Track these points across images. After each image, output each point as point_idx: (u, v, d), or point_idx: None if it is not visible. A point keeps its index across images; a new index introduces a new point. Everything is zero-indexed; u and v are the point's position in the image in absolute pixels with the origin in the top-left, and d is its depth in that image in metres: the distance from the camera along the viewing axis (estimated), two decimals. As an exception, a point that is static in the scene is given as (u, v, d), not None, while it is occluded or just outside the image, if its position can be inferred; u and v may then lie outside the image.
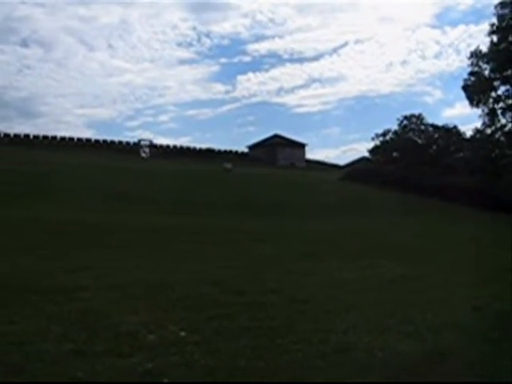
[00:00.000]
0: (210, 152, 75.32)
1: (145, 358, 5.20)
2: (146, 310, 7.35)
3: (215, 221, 24.60)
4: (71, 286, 8.82)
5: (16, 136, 64.21)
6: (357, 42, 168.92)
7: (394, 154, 58.48)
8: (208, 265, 12.59)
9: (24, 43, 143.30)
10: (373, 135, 61.52)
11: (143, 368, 4.92)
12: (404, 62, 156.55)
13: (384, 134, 60.37)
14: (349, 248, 17.20)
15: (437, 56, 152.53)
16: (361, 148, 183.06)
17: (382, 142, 60.32)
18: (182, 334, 6.10)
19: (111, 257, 13.45)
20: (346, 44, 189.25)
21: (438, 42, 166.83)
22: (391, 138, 59.77)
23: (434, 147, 56.87)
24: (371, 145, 62.19)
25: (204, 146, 79.35)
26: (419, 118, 59.47)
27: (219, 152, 76.79)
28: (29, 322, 6.51)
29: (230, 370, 4.96)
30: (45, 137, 66.40)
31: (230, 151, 79.58)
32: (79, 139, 69.15)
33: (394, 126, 60.21)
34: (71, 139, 68.36)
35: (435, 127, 58.60)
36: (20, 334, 5.92)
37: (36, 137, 65.65)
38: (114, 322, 6.51)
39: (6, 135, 63.72)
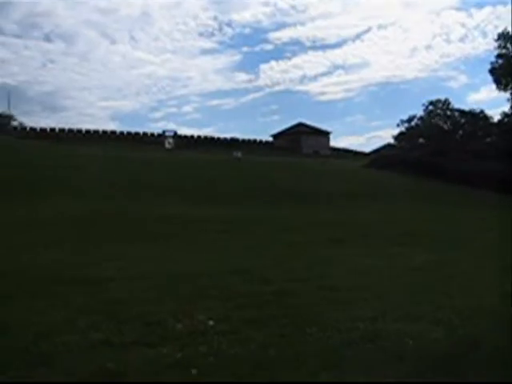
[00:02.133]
0: (234, 142, 75.26)
1: (174, 348, 5.19)
2: (173, 299, 7.34)
3: (240, 210, 24.58)
4: (97, 278, 8.86)
5: (42, 130, 64.97)
6: (380, 27, 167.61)
7: (420, 140, 57.94)
8: (234, 254, 12.59)
9: (47, 38, 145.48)
10: (398, 121, 61.11)
11: (172, 358, 4.91)
12: (428, 47, 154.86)
13: (409, 120, 59.88)
14: (376, 235, 17.08)
15: (462, 39, 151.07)
16: (385, 135, 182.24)
17: (407, 129, 59.85)
18: (211, 323, 6.07)
19: (136, 247, 13.52)
20: (369, 30, 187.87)
21: (463, 25, 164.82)
22: (416, 124, 59.25)
23: (461, 132, 56.19)
24: (396, 131, 61.76)
25: (228, 135, 79.43)
26: (445, 103, 58.76)
27: (243, 141, 76.75)
28: (57, 313, 6.54)
29: (258, 360, 4.92)
30: (70, 130, 67.06)
31: (254, 140, 79.53)
32: (104, 132, 69.73)
33: (420, 112, 59.67)
34: (96, 132, 68.95)
35: (462, 112, 57.86)
36: (48, 325, 5.95)
37: (62, 130, 66.33)
38: (142, 312, 6.51)
39: (33, 129, 64.50)
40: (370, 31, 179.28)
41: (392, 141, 65.05)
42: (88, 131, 68.41)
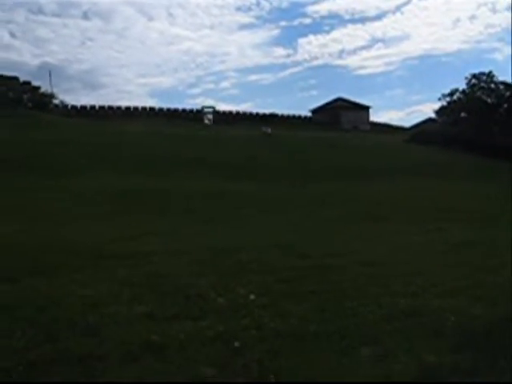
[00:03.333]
0: (273, 117, 74.79)
1: (215, 321, 5.27)
2: (214, 273, 7.44)
3: (278, 186, 24.59)
4: (139, 252, 9.04)
5: (83, 107, 65.75)
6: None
7: (462, 115, 56.60)
8: (273, 229, 12.65)
9: (85, 16, 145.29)
10: (439, 95, 59.86)
11: (214, 331, 4.98)
12: (472, 17, 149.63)
13: (451, 94, 58.50)
14: (415, 211, 16.92)
15: (509, 8, 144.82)
16: (426, 109, 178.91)
17: (448, 103, 58.54)
18: (252, 297, 6.14)
19: (177, 222, 13.69)
20: (409, 1, 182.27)
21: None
22: (459, 98, 57.83)
23: (505, 106, 54.61)
24: (437, 105, 60.54)
25: (266, 111, 79.00)
26: (489, 75, 57.07)
27: (282, 117, 76.29)
28: (101, 285, 6.73)
29: (300, 333, 4.96)
30: (110, 107, 67.61)
31: (294, 116, 78.94)
32: (143, 108, 70.08)
33: (462, 86, 58.21)
34: (136, 108, 69.35)
35: (507, 85, 56.14)
36: (94, 297, 6.12)
37: (102, 107, 66.97)
38: (184, 286, 6.62)
39: (73, 107, 65.33)
40: (411, 3, 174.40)
41: (433, 115, 63.97)
42: (127, 108, 68.82)
